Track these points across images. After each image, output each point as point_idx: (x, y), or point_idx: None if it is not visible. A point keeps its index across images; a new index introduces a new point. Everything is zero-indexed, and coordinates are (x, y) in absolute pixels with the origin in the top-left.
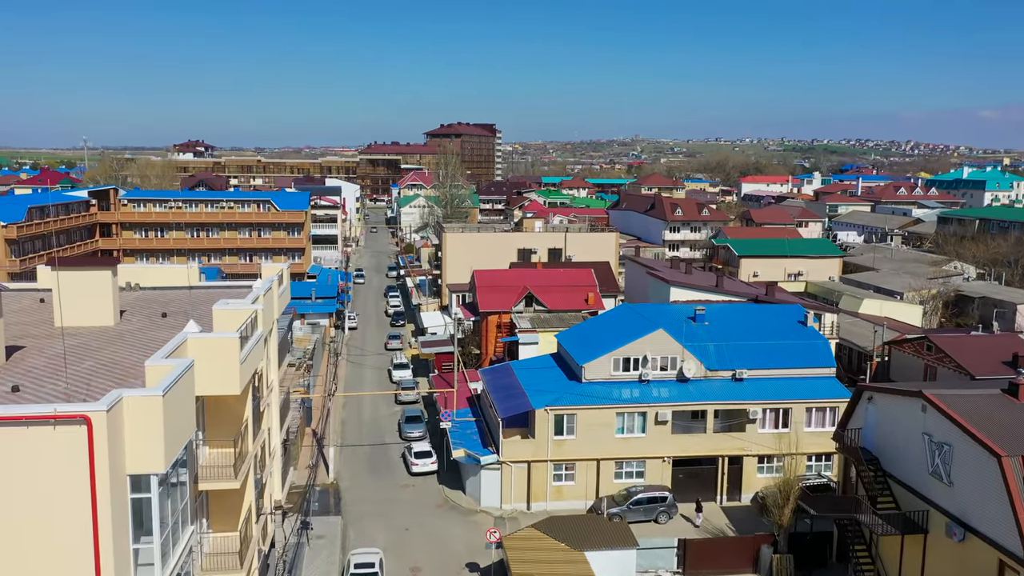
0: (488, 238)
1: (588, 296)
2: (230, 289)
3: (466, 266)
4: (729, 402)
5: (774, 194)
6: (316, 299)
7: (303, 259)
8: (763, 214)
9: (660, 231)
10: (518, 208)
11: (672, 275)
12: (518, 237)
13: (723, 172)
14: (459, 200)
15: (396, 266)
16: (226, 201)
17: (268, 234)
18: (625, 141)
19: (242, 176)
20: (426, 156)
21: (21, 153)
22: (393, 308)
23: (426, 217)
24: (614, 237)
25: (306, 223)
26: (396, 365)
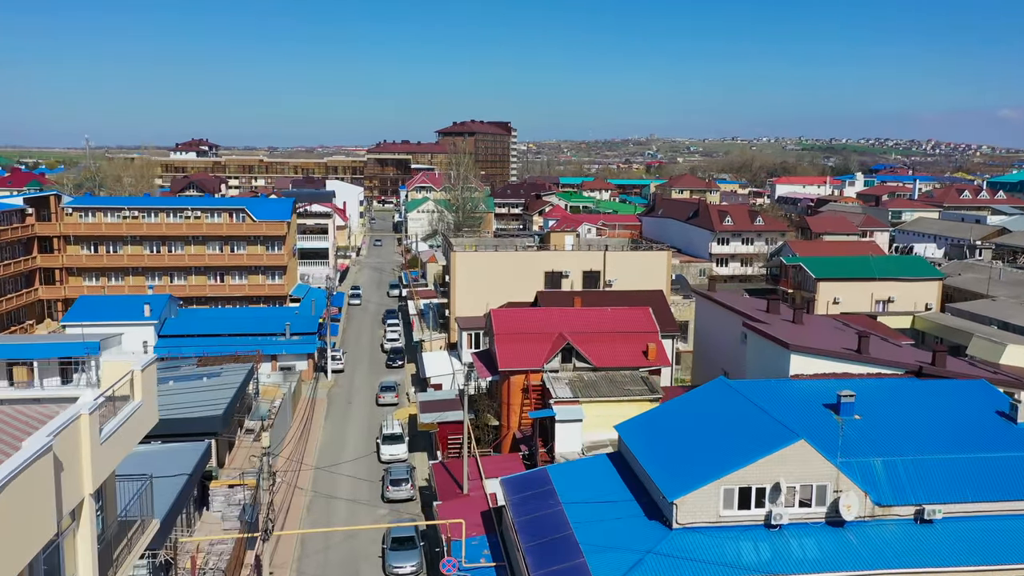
0: (507, 259)
1: (648, 348)
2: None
3: (479, 294)
4: (923, 571)
5: (811, 196)
6: (291, 336)
7: (285, 279)
8: (821, 223)
9: (706, 243)
10: (538, 213)
11: (790, 335)
12: (545, 257)
13: (749, 172)
14: (472, 204)
15: (398, 283)
16: (192, 210)
17: (242, 249)
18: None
19: (243, 177)
20: (438, 155)
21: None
22: (391, 341)
23: (435, 223)
24: (666, 257)
25: (288, 235)
26: (387, 438)
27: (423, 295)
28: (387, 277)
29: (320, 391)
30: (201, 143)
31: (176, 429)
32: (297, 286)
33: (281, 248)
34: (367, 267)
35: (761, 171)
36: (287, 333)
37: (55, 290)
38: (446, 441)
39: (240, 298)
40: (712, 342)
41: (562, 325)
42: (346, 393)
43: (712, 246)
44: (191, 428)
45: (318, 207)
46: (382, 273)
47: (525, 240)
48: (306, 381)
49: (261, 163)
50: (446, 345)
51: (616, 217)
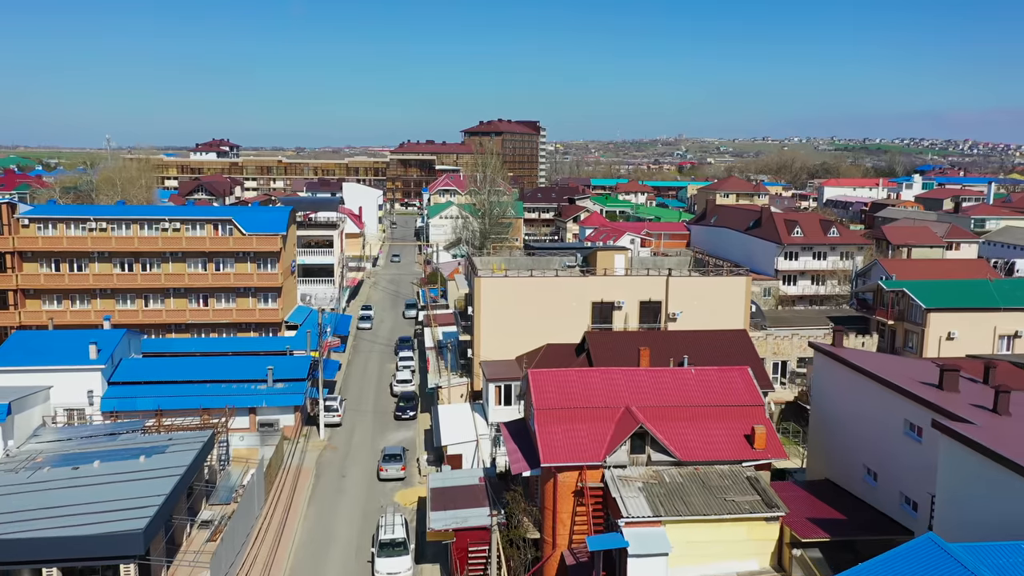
0: (545, 286)
1: (754, 432)
2: None
3: (510, 331)
4: None
5: (863, 200)
6: (275, 384)
7: (280, 302)
8: (900, 233)
9: (771, 257)
10: (572, 220)
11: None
12: (592, 284)
13: (789, 173)
14: (500, 209)
15: (415, 303)
16: (169, 221)
17: (229, 267)
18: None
19: (261, 178)
20: (463, 156)
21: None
22: (401, 384)
23: (459, 230)
24: (745, 284)
25: (285, 251)
26: (384, 546)
27: (442, 320)
28: (404, 291)
29: (308, 455)
30: (222, 143)
31: (74, 552)
32: (296, 309)
33: (275, 266)
34: (383, 280)
35: (801, 172)
36: (269, 380)
37: (8, 316)
38: (465, 557)
39: (227, 325)
40: (844, 422)
41: (628, 394)
42: (341, 458)
43: (778, 261)
44: (96, 550)
45: (324, 215)
46: (399, 287)
47: (564, 258)
48: (292, 439)
49: (280, 164)
50: (468, 394)
51: (661, 225)
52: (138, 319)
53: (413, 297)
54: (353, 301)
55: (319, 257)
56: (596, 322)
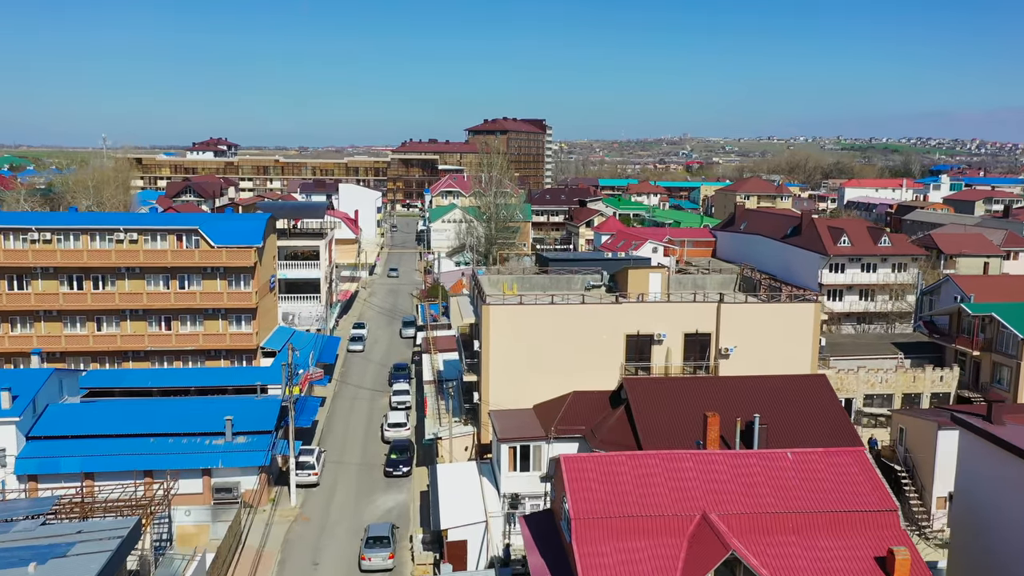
0: (569, 315)
1: (893, 557)
2: None
3: (525, 371)
4: None
5: (888, 202)
6: (235, 437)
7: (254, 324)
8: (953, 242)
9: (814, 270)
10: (585, 225)
11: None
12: (626, 313)
13: (802, 173)
14: (507, 212)
15: (414, 320)
16: (125, 231)
17: (195, 284)
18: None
19: (257, 178)
20: (467, 156)
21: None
22: (394, 428)
23: (463, 236)
24: (813, 312)
25: (261, 265)
26: None
27: (443, 345)
28: (402, 304)
29: (274, 529)
30: (219, 142)
31: None
32: (276, 331)
33: (249, 283)
34: (380, 291)
35: (815, 172)
36: (228, 433)
37: None
38: None
39: (193, 352)
40: (1010, 529)
41: (703, 493)
42: (315, 535)
43: (823, 274)
44: None
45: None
46: (397, 299)
47: (587, 276)
48: (254, 507)
49: (277, 164)
50: (474, 447)
51: (683, 231)
52: (89, 345)
53: (411, 313)
54: (345, 316)
55: (303, 271)
56: (631, 358)
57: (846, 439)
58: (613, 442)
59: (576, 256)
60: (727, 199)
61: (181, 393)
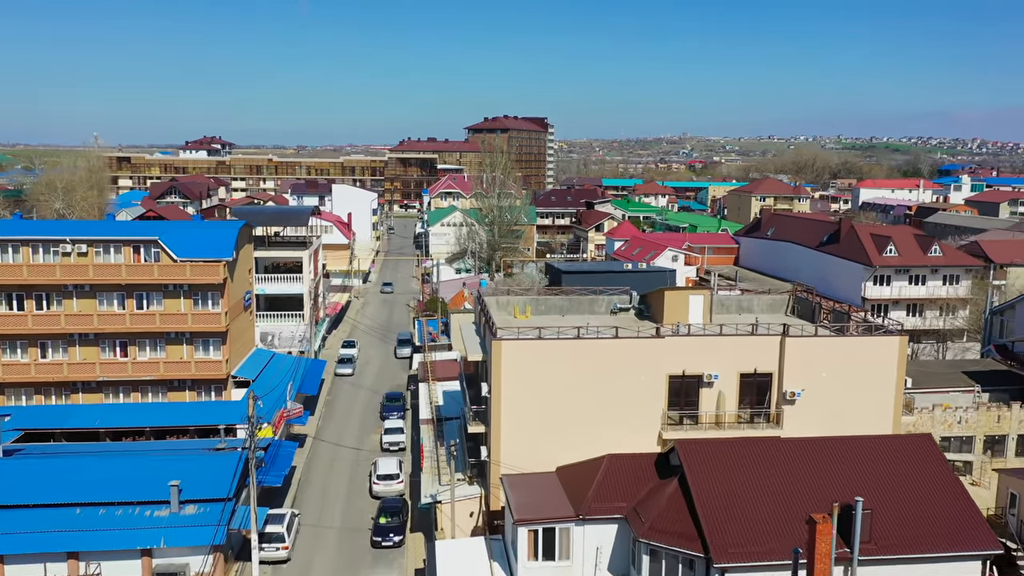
0: (596, 352)
1: None
2: None
3: (544, 424)
4: None
5: (906, 203)
6: (183, 507)
7: (224, 350)
8: (1001, 249)
9: (857, 282)
10: (595, 229)
11: None
12: (667, 349)
13: (810, 173)
14: (511, 215)
15: (410, 339)
16: (73, 242)
17: (155, 304)
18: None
19: (250, 178)
20: (467, 155)
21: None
22: (384, 481)
23: (464, 241)
24: (898, 346)
25: (233, 281)
26: None
27: (442, 372)
28: (398, 317)
29: None
30: (213, 141)
31: None
32: (252, 355)
33: (218, 302)
34: (373, 301)
35: (823, 172)
36: (174, 503)
37: None
38: None
39: (153, 383)
40: None
41: None
42: None
43: (866, 287)
44: None
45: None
46: (392, 311)
47: (615, 297)
48: None
49: (270, 163)
50: (482, 514)
51: (702, 237)
52: (30, 375)
53: (407, 330)
54: (335, 332)
55: (284, 285)
56: (674, 405)
57: (972, 530)
58: (666, 530)
59: (591, 268)
60: (741, 201)
61: (134, 435)
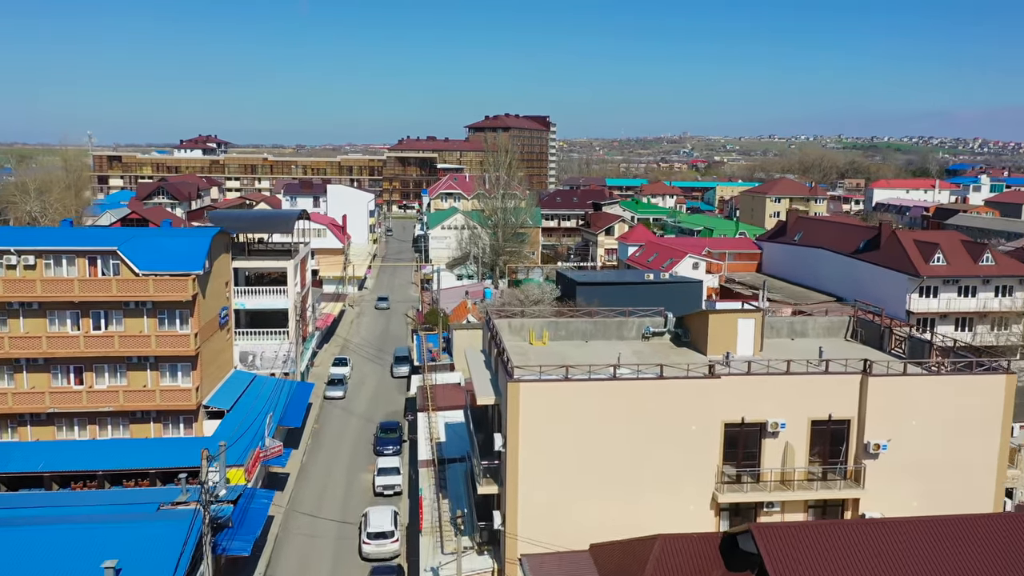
0: (634, 396)
1: None
2: None
3: (573, 489)
4: None
5: (923, 204)
6: None
7: (195, 376)
8: None
9: (901, 294)
10: (604, 232)
11: None
12: (723, 390)
13: (818, 173)
14: (516, 217)
15: (408, 356)
16: (19, 252)
17: (115, 324)
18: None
19: (245, 178)
20: (468, 154)
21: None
22: (376, 540)
23: (466, 244)
24: (1004, 388)
25: (204, 297)
26: None
27: (444, 399)
28: (395, 328)
29: None
30: (208, 139)
31: None
32: (230, 378)
33: (187, 321)
34: (369, 310)
35: (831, 172)
36: None
37: None
38: None
39: (113, 415)
40: None
41: None
42: None
43: (911, 299)
44: None
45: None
46: (389, 322)
47: (648, 320)
48: None
49: (265, 162)
50: None
51: (722, 242)
52: None
53: (405, 344)
54: (327, 346)
55: (267, 299)
56: (730, 459)
57: None
58: None
59: (608, 278)
60: (755, 202)
61: (85, 479)
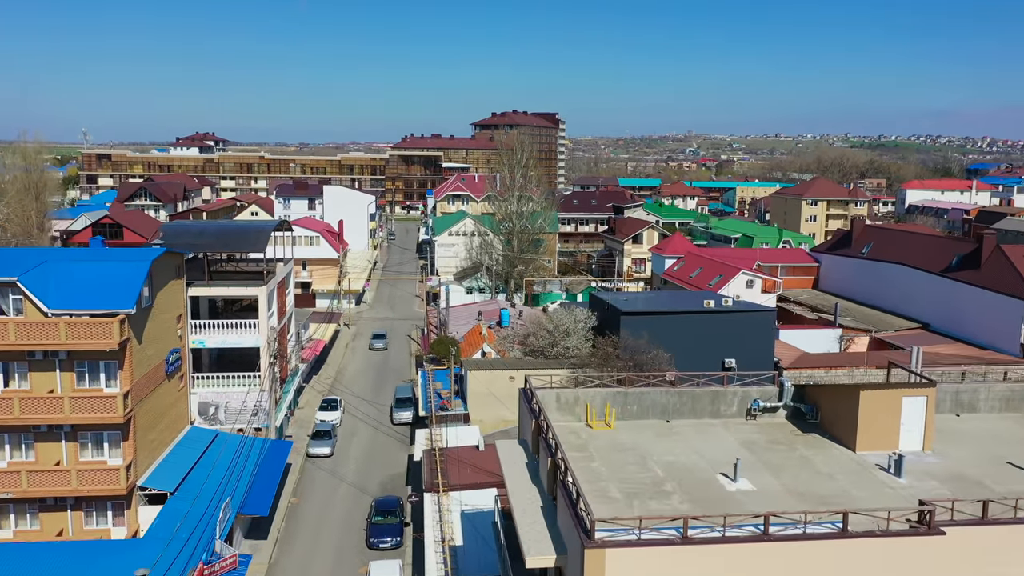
0: (798, 564)
1: None
2: None
3: None
4: None
5: (962, 206)
6: None
7: (126, 448)
8: None
9: (1015, 323)
10: (631, 240)
11: None
12: (943, 553)
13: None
14: (533, 223)
15: (411, 398)
16: None
17: (17, 381)
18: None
19: (240, 177)
20: (474, 152)
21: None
22: None
23: (476, 254)
24: None
25: (138, 344)
26: None
27: (460, 475)
28: (396, 356)
29: None
30: (206, 137)
31: None
32: (186, 435)
33: (114, 376)
34: (367, 331)
35: (852, 172)
36: None
37: None
38: None
39: (17, 502)
40: None
41: None
42: None
43: None
44: None
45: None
46: (390, 348)
47: (753, 390)
48: None
49: (262, 160)
50: None
51: (770, 253)
52: None
53: (408, 379)
54: (315, 378)
55: (233, 335)
56: None
57: None
58: None
59: (658, 305)
60: (788, 205)
61: None
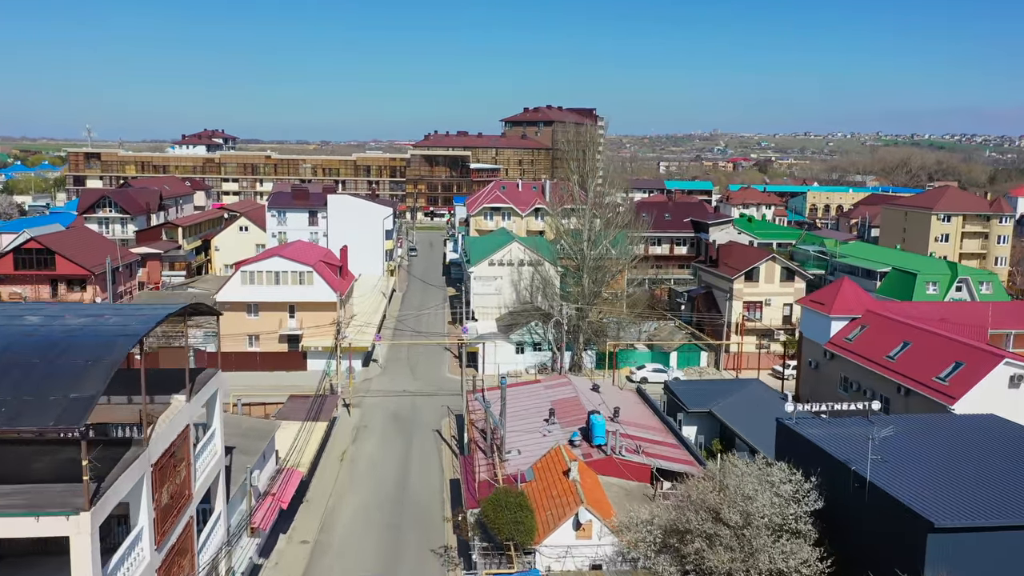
0: None
1: None
2: None
3: None
4: None
5: None
6: None
7: None
8: None
9: None
10: (744, 277)
11: None
12: None
13: (904, 175)
14: (616, 247)
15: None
16: None
17: None
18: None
19: (244, 179)
20: (504, 151)
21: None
22: None
23: (530, 292)
24: None
25: None
26: None
27: None
28: (418, 473)
29: None
30: (214, 135)
31: None
32: None
33: None
34: (373, 425)
35: (921, 174)
36: None
37: None
38: None
39: None
40: None
41: None
42: None
43: None
44: None
45: None
46: (409, 460)
47: None
48: None
49: (268, 160)
50: None
51: (995, 311)
52: None
53: (443, 536)
54: (283, 539)
55: None
56: None
57: None
58: None
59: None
60: (909, 220)
61: None
